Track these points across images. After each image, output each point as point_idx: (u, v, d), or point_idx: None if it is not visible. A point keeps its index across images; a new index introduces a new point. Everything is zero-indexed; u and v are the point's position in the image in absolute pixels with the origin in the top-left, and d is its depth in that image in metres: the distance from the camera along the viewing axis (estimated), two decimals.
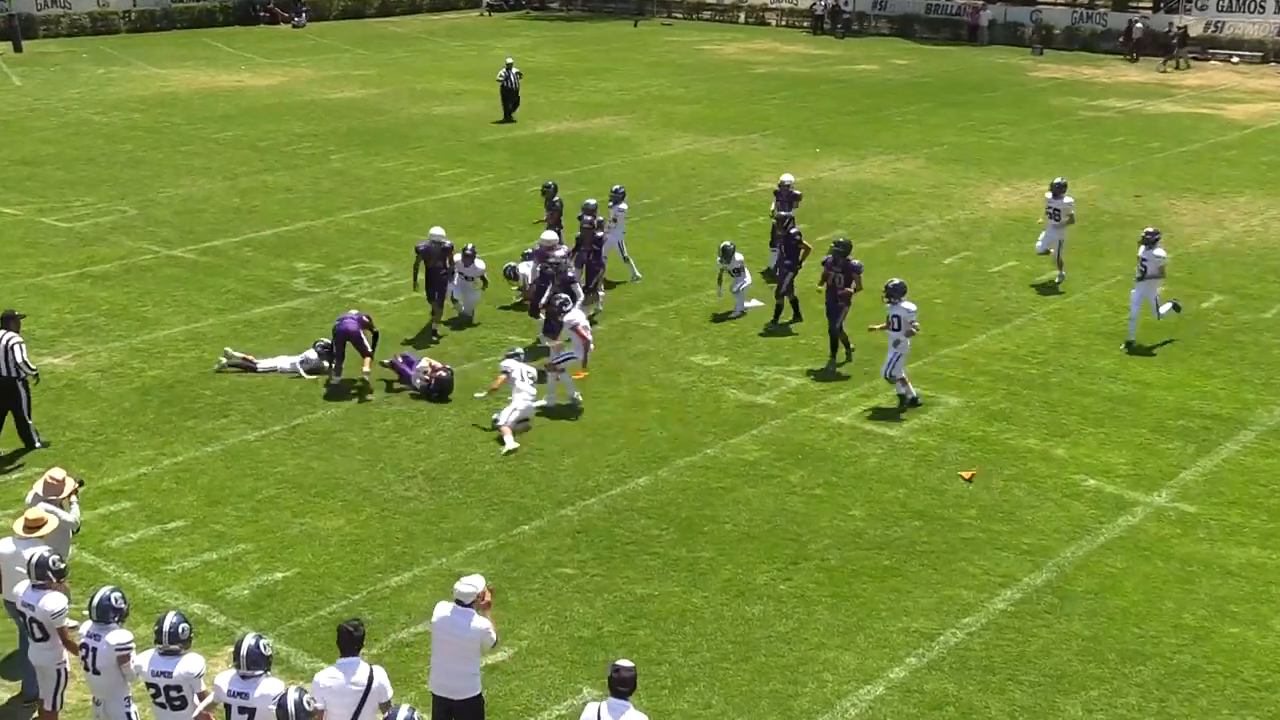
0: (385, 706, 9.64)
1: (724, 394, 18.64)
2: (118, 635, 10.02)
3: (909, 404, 18.13)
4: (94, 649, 10.01)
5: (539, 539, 14.50)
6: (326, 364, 18.92)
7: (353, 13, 70.40)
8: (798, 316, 21.66)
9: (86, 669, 10.10)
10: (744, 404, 18.32)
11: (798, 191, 24.19)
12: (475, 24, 68.54)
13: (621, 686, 9.36)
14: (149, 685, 9.77)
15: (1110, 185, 31.52)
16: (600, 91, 45.45)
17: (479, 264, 21.41)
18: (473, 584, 10.31)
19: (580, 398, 18.05)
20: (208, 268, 24.44)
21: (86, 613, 10.18)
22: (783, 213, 23.03)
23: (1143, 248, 20.68)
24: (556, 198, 23.55)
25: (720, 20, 70.59)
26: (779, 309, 21.68)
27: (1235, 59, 55.48)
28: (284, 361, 19.25)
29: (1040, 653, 12.53)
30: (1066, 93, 46.38)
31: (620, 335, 20.83)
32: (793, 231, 21.82)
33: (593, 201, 22.48)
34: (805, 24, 66.39)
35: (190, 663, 9.72)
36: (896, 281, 18.44)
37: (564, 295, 18.37)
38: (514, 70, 39.23)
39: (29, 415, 16.61)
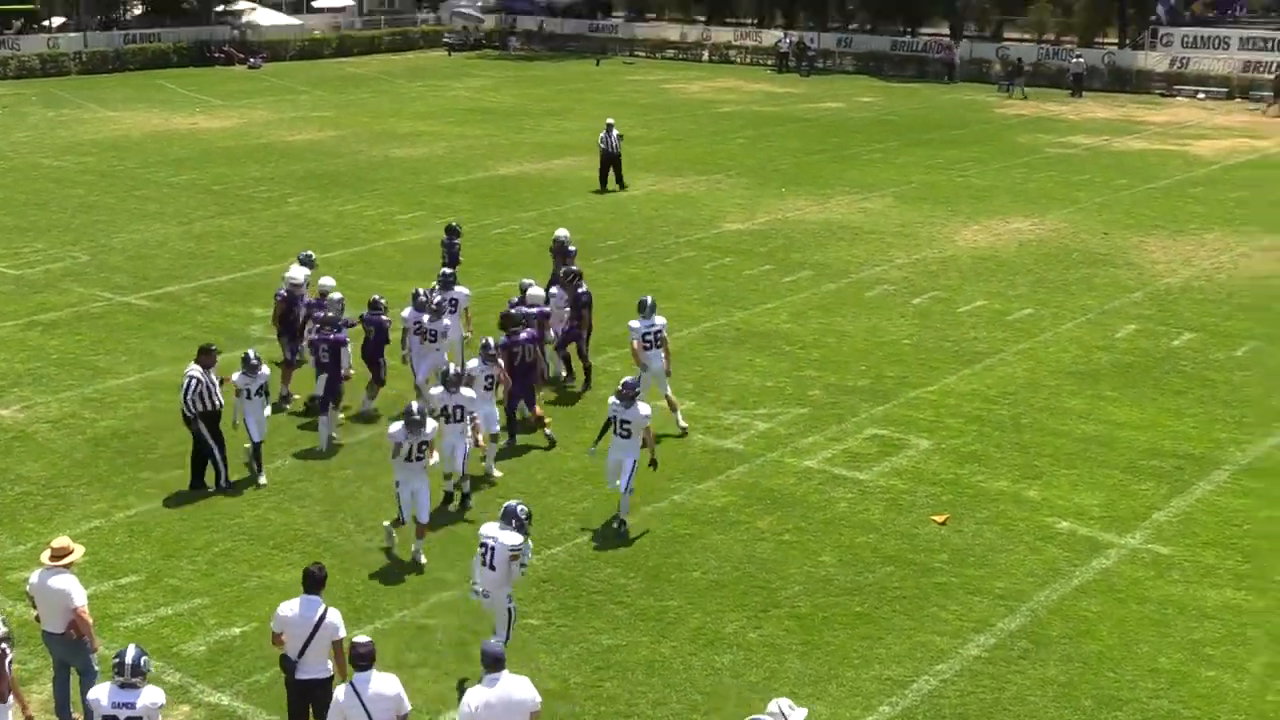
0: (338, 644, 11.04)
1: (691, 439, 18.64)
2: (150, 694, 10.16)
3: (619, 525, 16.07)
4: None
5: None
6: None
7: (310, 53, 70.58)
8: (582, 380, 20.49)
9: None
10: (711, 449, 18.33)
11: (573, 248, 22.44)
12: (435, 64, 68.76)
13: (362, 661, 10.23)
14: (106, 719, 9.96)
15: (1078, 223, 31.79)
16: (563, 132, 45.63)
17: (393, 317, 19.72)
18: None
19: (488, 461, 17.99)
20: (162, 314, 24.34)
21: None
22: (572, 268, 21.11)
23: None
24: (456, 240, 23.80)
25: (684, 59, 71.08)
26: (588, 372, 20.52)
27: (1201, 95, 56.18)
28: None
29: (1015, 699, 12.54)
30: (1033, 130, 46.85)
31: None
32: (580, 291, 20.27)
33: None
34: (769, 62, 66.91)
35: (152, 694, 10.04)
36: (630, 380, 15.98)
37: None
38: (615, 133, 35.59)
39: None
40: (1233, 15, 60.32)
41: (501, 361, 17.62)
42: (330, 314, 18.79)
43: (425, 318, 19.01)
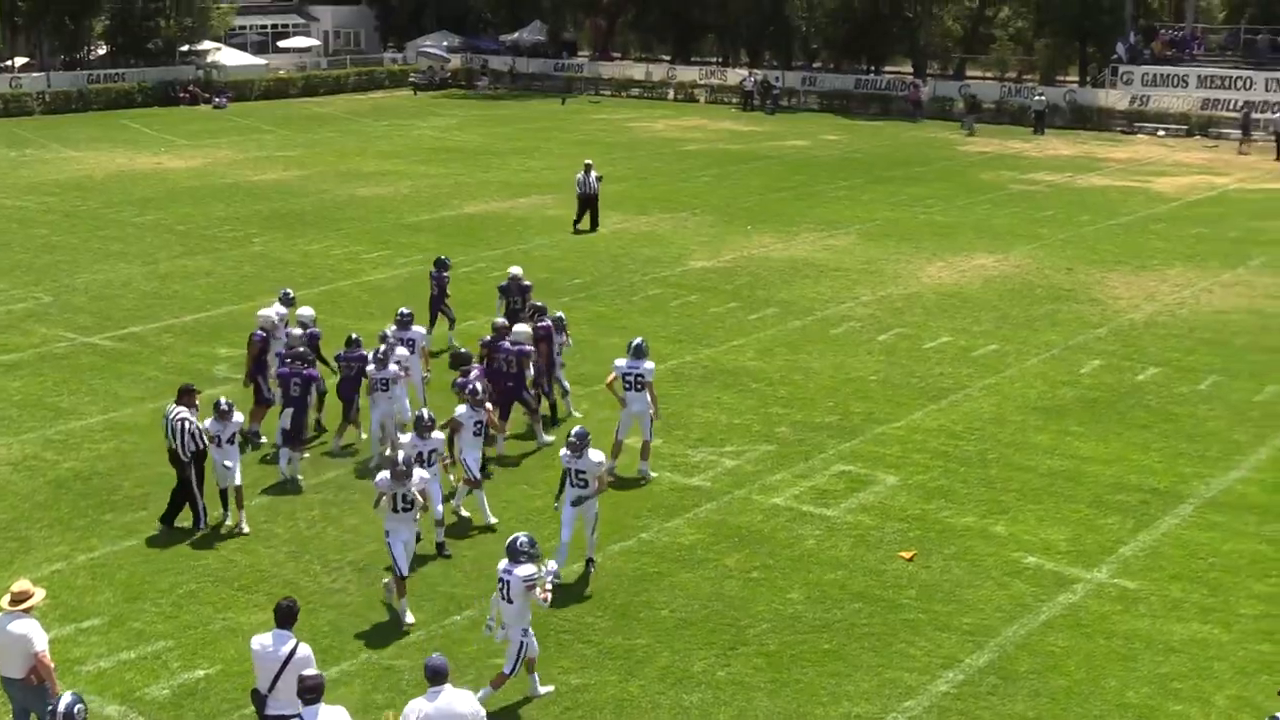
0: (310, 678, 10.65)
1: (658, 477, 18.62)
2: None
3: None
4: None
5: (471, 629, 14.35)
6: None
7: (276, 93, 70.63)
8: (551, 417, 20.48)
9: None
10: (678, 487, 18.31)
11: (528, 283, 22.49)
12: (401, 104, 68.85)
13: (309, 695, 10.33)
14: None
15: (1042, 259, 32.01)
16: (528, 170, 45.73)
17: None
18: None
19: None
20: (126, 355, 24.20)
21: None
22: (535, 303, 21.56)
23: None
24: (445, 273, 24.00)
25: (649, 97, 71.41)
26: (554, 408, 20.59)
27: (1161, 132, 56.78)
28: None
29: None
30: (996, 167, 47.21)
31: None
32: (540, 325, 20.17)
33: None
34: (735, 101, 67.26)
35: None
36: (580, 430, 15.56)
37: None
38: (594, 174, 35.41)
39: None
40: (1190, 54, 61.01)
41: (490, 405, 17.57)
42: (302, 348, 18.80)
43: (371, 366, 18.68)
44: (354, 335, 19.49)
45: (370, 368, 18.62)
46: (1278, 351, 24.57)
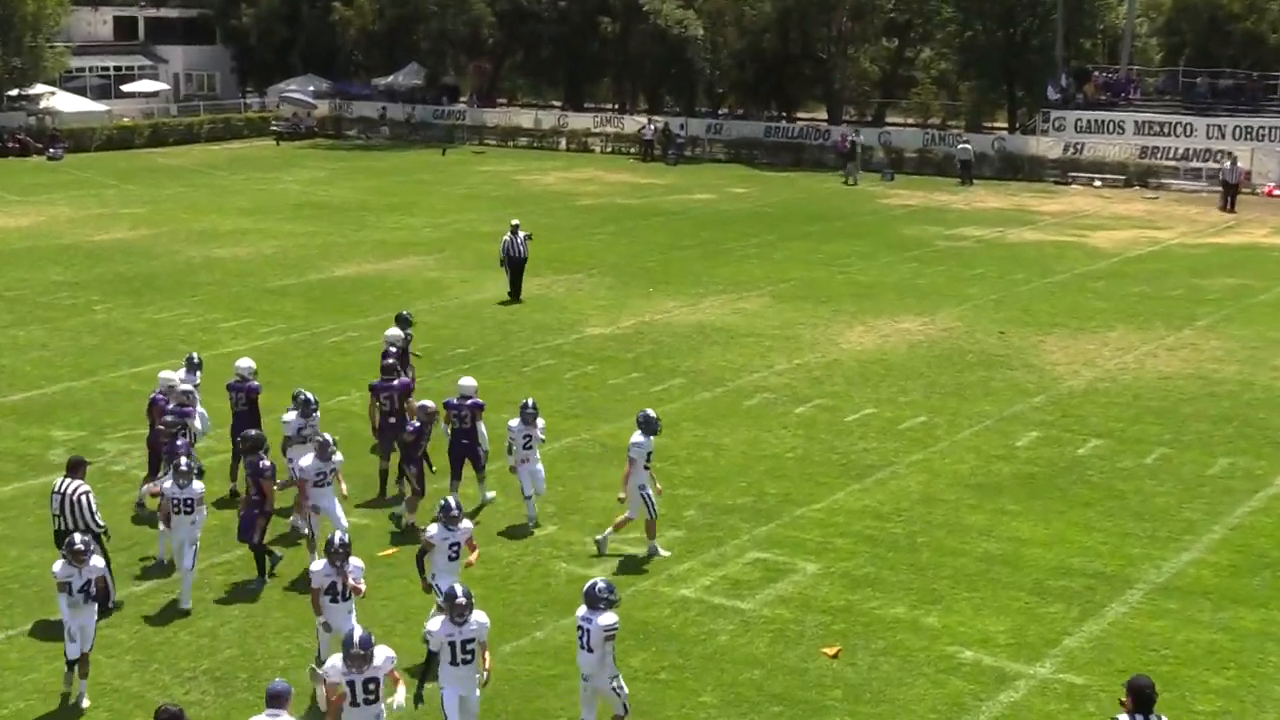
0: None
1: (553, 567, 18.50)
2: None
3: None
4: None
5: None
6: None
7: (119, 143, 70.01)
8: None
9: None
10: (577, 578, 18.15)
11: (256, 384, 21.71)
12: (262, 154, 68.56)
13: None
14: None
15: (973, 322, 32.44)
16: (405, 228, 45.64)
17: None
18: None
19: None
20: None
21: None
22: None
23: None
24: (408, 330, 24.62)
25: (538, 147, 71.78)
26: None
27: (1097, 182, 58.03)
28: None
29: None
30: (921, 221, 47.93)
31: (434, 503, 20.55)
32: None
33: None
34: (633, 150, 67.83)
35: None
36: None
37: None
38: (522, 234, 35.08)
39: None
40: (1126, 98, 62.52)
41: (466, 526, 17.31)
42: (185, 405, 19.82)
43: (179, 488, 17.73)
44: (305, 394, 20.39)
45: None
46: (1229, 421, 25.03)
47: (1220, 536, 19.75)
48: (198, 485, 17.42)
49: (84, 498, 16.77)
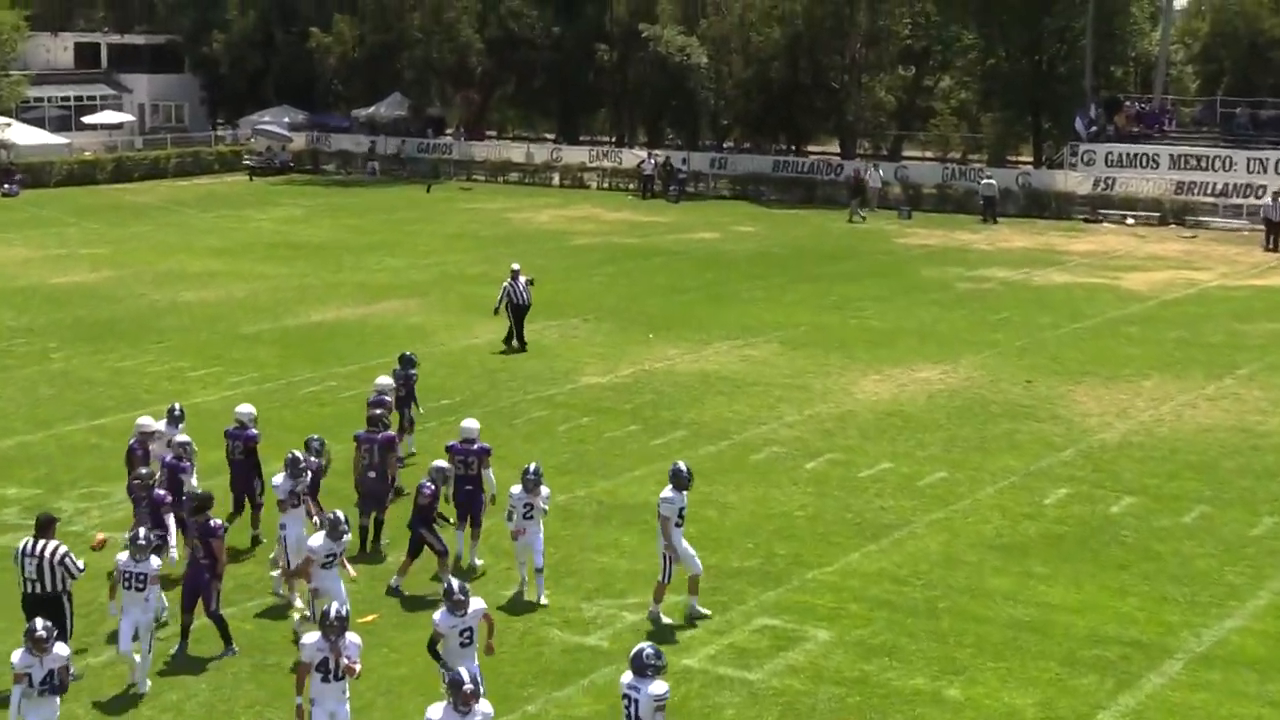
0: None
1: (546, 635, 18.43)
2: None
3: None
4: None
5: None
6: None
7: (80, 178, 70.24)
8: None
9: None
10: (571, 647, 18.13)
11: (255, 431, 22.00)
12: (233, 191, 68.80)
13: None
14: None
15: (996, 370, 32.43)
16: (387, 270, 45.71)
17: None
18: None
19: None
20: None
21: None
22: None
23: None
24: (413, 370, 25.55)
25: (531, 183, 72.01)
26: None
27: (1130, 220, 58.11)
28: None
29: None
30: (941, 262, 47.99)
31: (421, 567, 20.54)
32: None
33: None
34: (632, 186, 68.01)
35: None
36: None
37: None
38: (523, 279, 34.87)
39: None
40: (1160, 130, 62.56)
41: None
42: (181, 458, 20.22)
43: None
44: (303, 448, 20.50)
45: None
46: (1274, 477, 24.98)
47: (1266, 602, 19.68)
48: (154, 562, 16.85)
49: (67, 559, 16.65)
